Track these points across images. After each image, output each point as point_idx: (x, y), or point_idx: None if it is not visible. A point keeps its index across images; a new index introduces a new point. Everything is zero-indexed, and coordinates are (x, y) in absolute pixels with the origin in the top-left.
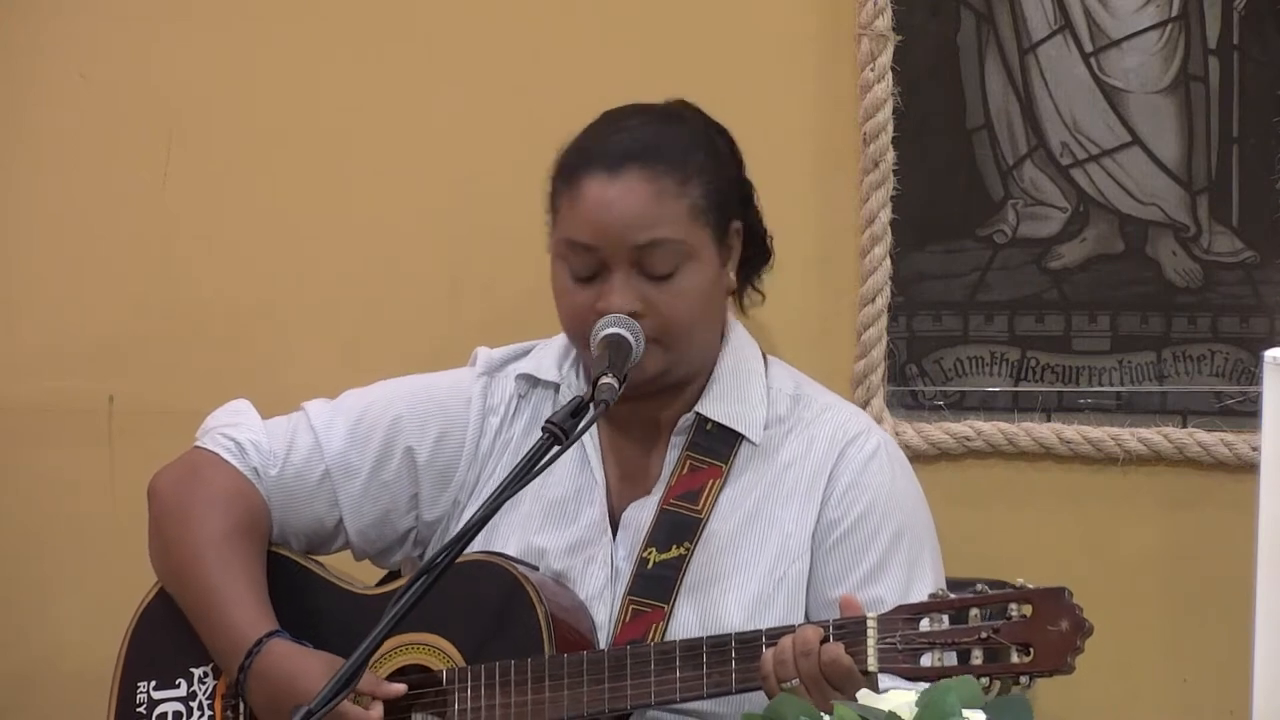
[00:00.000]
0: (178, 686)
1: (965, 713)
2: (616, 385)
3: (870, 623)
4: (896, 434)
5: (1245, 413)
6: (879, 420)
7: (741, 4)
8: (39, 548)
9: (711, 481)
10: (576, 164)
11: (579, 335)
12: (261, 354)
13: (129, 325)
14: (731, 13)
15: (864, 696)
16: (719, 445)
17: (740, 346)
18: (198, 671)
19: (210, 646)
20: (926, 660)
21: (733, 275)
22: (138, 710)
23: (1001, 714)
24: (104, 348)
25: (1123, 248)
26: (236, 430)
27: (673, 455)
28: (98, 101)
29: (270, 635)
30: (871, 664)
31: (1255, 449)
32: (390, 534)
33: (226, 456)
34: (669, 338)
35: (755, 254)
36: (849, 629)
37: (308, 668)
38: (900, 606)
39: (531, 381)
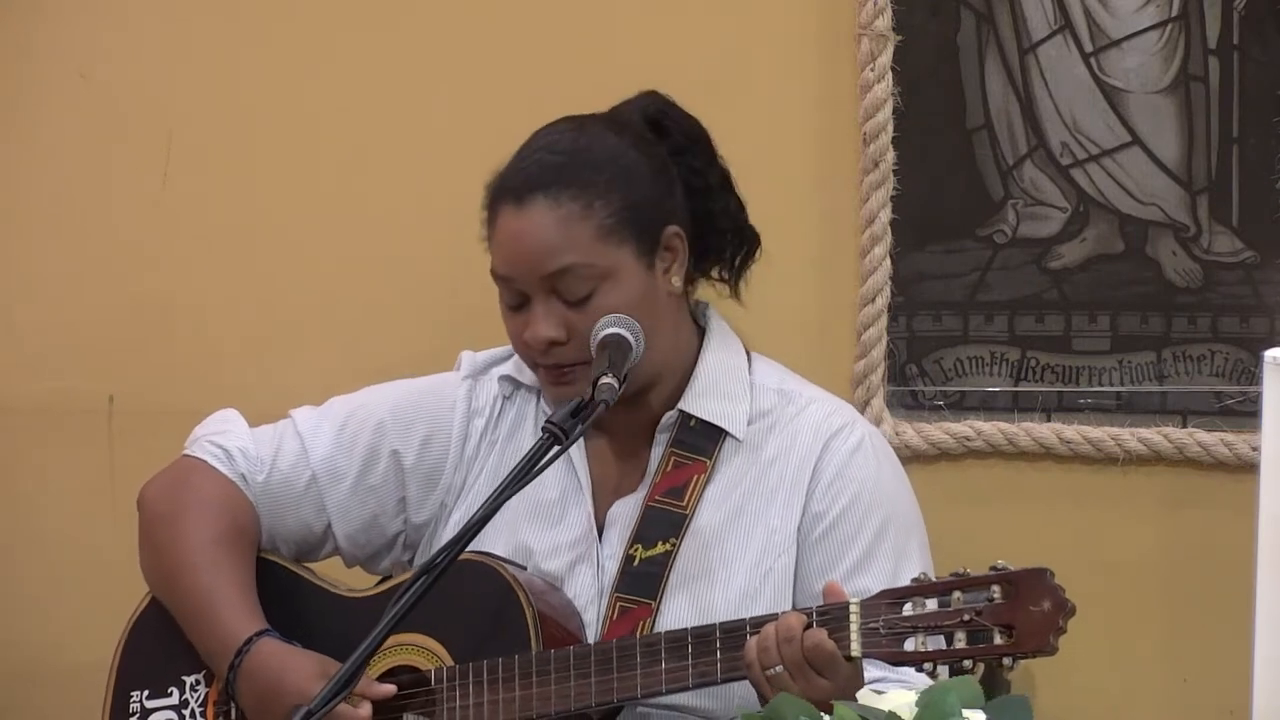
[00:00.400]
0: (170, 695)
1: (965, 713)
2: (616, 385)
3: (853, 608)
4: (896, 434)
5: (1245, 413)
6: (879, 420)
7: (741, 4)
8: (39, 548)
9: (696, 477)
10: (494, 196)
11: (526, 360)
12: (261, 354)
13: (129, 325)
14: (731, 13)
15: (864, 696)
16: (703, 441)
17: (721, 343)
18: (190, 679)
19: (200, 648)
20: (910, 644)
21: (675, 281)
22: (131, 719)
23: (1001, 714)
24: (104, 348)
25: (1123, 248)
26: (224, 438)
27: (657, 452)
28: (98, 101)
29: (259, 635)
30: (855, 649)
31: (1255, 449)
32: (379, 538)
33: (214, 463)
34: None
35: (735, 244)
36: (832, 614)
37: (296, 664)
38: (883, 591)
39: (514, 384)
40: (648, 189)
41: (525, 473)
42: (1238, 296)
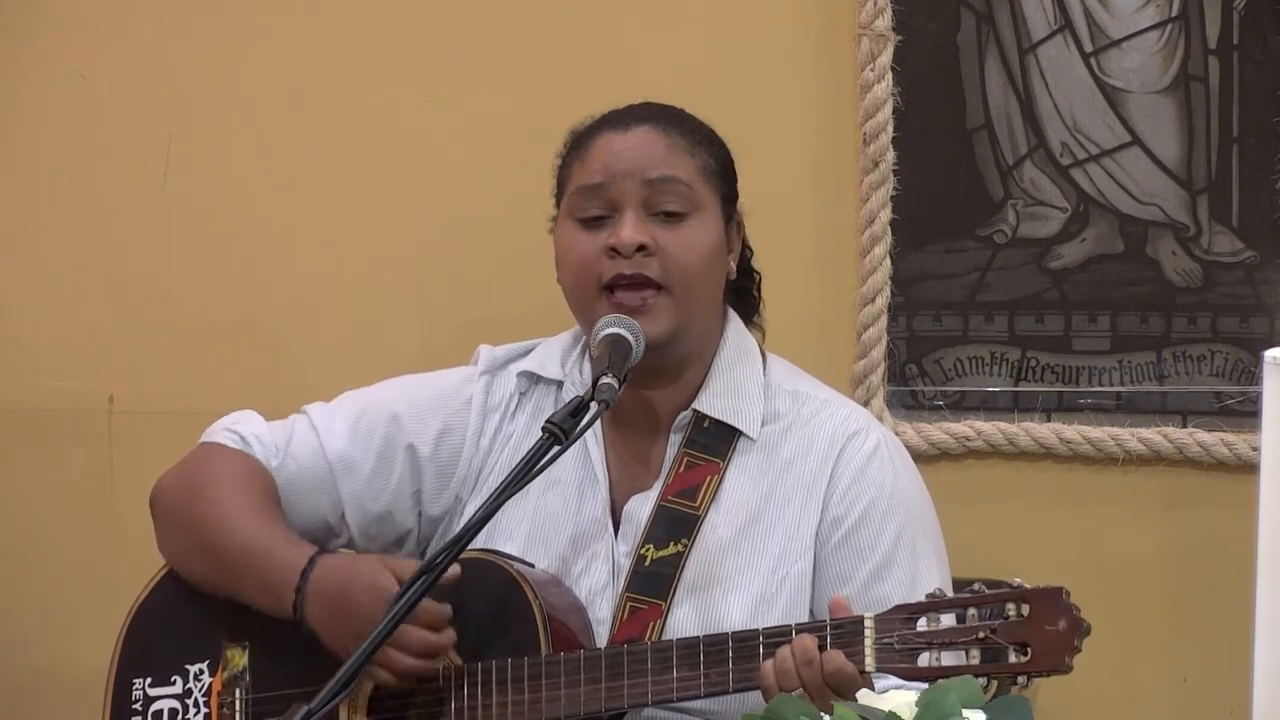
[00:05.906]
0: (173, 683)
1: (965, 713)
2: (616, 385)
3: (868, 623)
4: (896, 434)
5: (1245, 413)
6: (878, 420)
7: (741, 4)
8: (39, 548)
9: (709, 478)
10: (585, 132)
11: (588, 287)
12: (262, 354)
13: (129, 325)
14: (732, 13)
15: (864, 696)
16: (716, 442)
17: (739, 341)
18: (193, 668)
19: (259, 592)
20: (924, 660)
21: (732, 263)
22: (133, 707)
23: (1001, 714)
24: (104, 348)
25: (1123, 248)
26: (240, 426)
27: (670, 452)
28: (98, 101)
29: (319, 555)
30: (869, 664)
31: (1255, 449)
32: (392, 532)
33: (233, 446)
34: (678, 283)
35: (744, 291)
36: (846, 629)
37: (360, 565)
38: (898, 606)
39: (533, 379)
40: (731, 166)
41: (525, 473)
42: (1238, 296)
